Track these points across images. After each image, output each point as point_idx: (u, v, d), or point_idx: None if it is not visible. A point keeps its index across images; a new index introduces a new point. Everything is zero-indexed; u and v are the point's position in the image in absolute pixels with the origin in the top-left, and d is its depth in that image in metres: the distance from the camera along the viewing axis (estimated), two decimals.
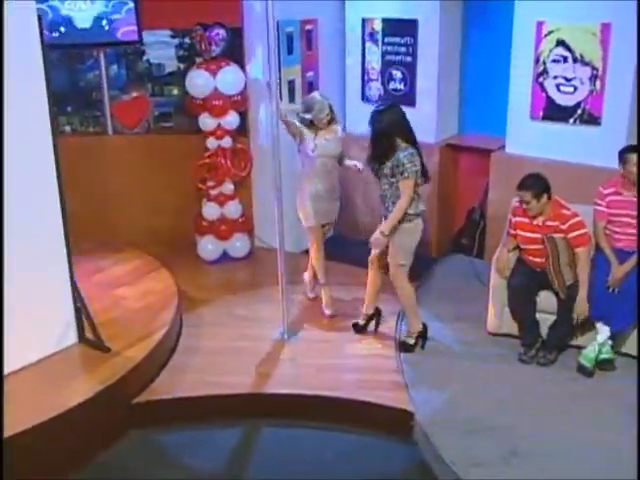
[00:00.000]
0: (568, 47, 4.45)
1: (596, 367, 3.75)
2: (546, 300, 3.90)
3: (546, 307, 3.91)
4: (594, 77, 4.40)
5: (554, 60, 4.53)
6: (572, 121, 4.56)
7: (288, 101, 5.08)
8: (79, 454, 3.36)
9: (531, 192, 3.72)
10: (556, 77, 4.56)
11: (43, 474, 3.17)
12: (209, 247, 5.26)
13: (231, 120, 4.95)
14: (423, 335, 4.09)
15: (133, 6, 4.89)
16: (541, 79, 4.62)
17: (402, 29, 5.13)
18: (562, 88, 4.56)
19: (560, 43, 4.47)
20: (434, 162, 5.03)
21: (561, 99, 4.58)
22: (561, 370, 3.82)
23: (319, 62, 5.37)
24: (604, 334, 3.73)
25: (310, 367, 3.91)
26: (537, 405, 3.54)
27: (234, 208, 5.21)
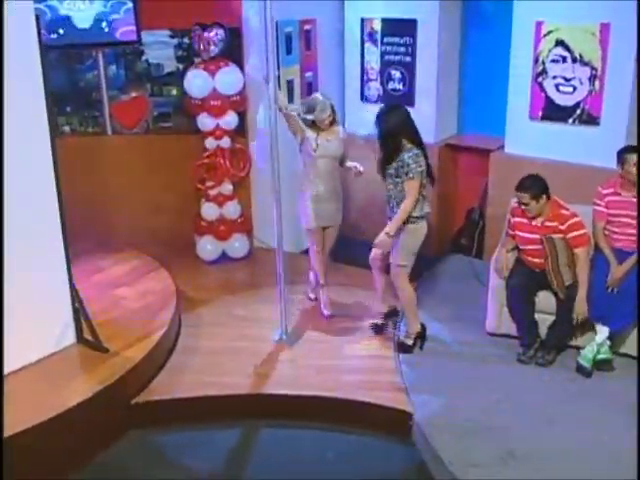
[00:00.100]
0: (567, 47, 4.45)
1: (594, 367, 3.75)
2: (545, 300, 3.90)
3: (545, 307, 3.91)
4: (593, 77, 4.40)
5: (553, 60, 4.53)
6: (571, 121, 4.56)
7: (287, 102, 5.08)
8: (78, 454, 3.36)
9: (530, 193, 3.72)
10: (555, 77, 4.56)
11: (43, 474, 3.17)
12: (208, 247, 5.26)
13: (230, 120, 4.95)
14: (422, 336, 4.09)
15: (132, 6, 4.88)
16: (540, 79, 4.62)
17: (401, 29, 5.13)
18: (561, 88, 4.56)
19: (559, 43, 4.47)
20: (433, 162, 4.96)
21: (560, 99, 4.58)
22: (560, 370, 3.82)
23: (318, 62, 5.37)
24: (603, 334, 3.73)
25: (309, 368, 3.91)
26: (535, 406, 3.54)
27: (233, 208, 5.21)
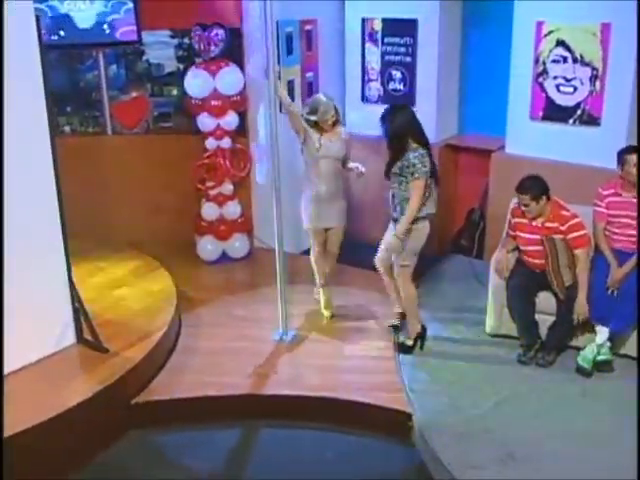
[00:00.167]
0: (568, 47, 4.44)
1: (594, 368, 3.74)
2: (545, 301, 3.90)
3: (545, 308, 3.90)
4: (594, 77, 4.39)
5: (554, 60, 4.52)
6: (572, 121, 4.55)
7: (289, 98, 5.06)
8: (78, 454, 3.36)
9: (530, 194, 3.71)
10: (556, 77, 4.55)
11: (43, 474, 3.17)
12: (208, 247, 5.26)
13: (230, 120, 4.94)
14: (422, 336, 4.08)
15: (132, 6, 4.89)
16: (541, 79, 4.61)
17: (402, 29, 5.12)
18: (562, 88, 4.55)
19: (560, 43, 4.46)
20: None
21: (561, 99, 4.57)
22: (560, 371, 3.81)
23: (319, 62, 5.36)
24: (603, 335, 3.73)
25: (309, 368, 3.91)
26: (535, 406, 3.53)
27: (233, 208, 5.20)
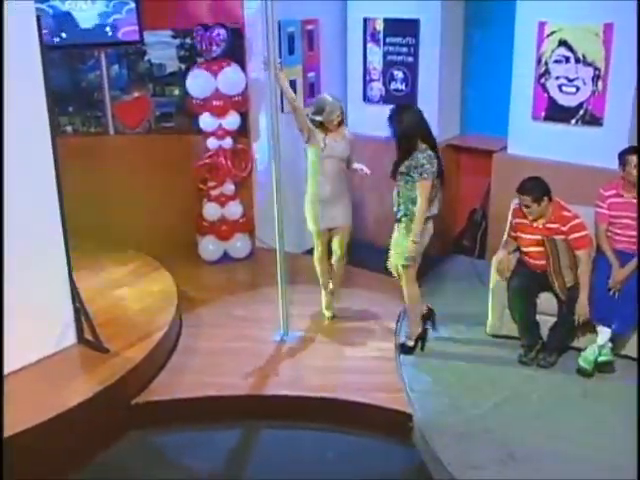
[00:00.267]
0: (570, 47, 4.43)
1: (595, 369, 3.73)
2: (546, 302, 3.89)
3: (546, 309, 3.89)
4: (596, 78, 4.38)
5: (556, 60, 4.51)
6: (574, 122, 4.54)
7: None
8: (79, 454, 3.36)
9: (531, 196, 3.70)
10: (558, 77, 4.53)
11: (43, 474, 3.16)
12: (210, 247, 5.25)
13: (232, 120, 4.94)
14: (423, 337, 4.07)
15: (134, 6, 4.89)
16: (543, 79, 4.59)
17: (404, 29, 5.12)
18: (564, 89, 4.54)
19: (562, 43, 4.45)
20: None
21: (563, 100, 4.56)
22: (561, 372, 3.81)
23: (320, 62, 5.35)
24: (604, 336, 3.71)
25: (309, 368, 3.90)
26: (536, 407, 3.53)
27: (235, 208, 5.20)
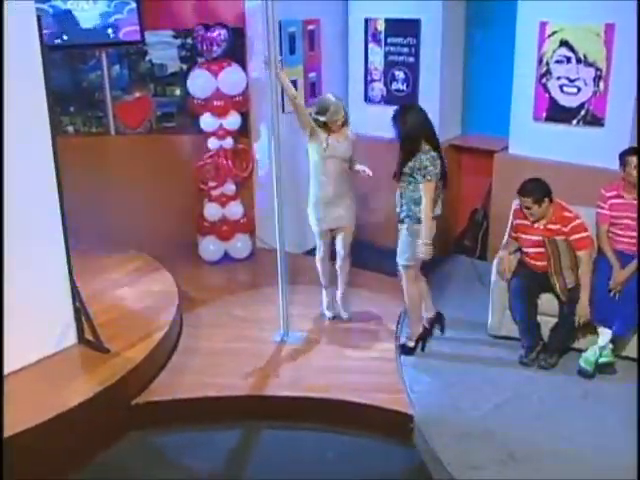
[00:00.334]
0: (572, 48, 4.42)
1: (596, 370, 3.72)
2: (547, 302, 3.88)
3: (547, 309, 3.89)
4: (598, 78, 4.37)
5: (557, 61, 4.50)
6: (575, 122, 4.53)
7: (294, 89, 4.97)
8: (79, 454, 3.35)
9: (532, 197, 3.69)
10: (559, 78, 4.52)
11: (43, 474, 3.16)
12: (210, 248, 5.25)
13: (233, 120, 4.93)
14: (423, 338, 4.07)
15: (135, 6, 4.89)
16: (544, 80, 4.59)
17: (405, 29, 5.11)
18: (565, 89, 4.53)
19: (563, 43, 4.44)
20: None
21: (564, 100, 4.55)
22: (561, 373, 3.80)
23: (321, 62, 5.35)
24: (605, 337, 3.71)
25: (310, 369, 3.90)
26: (537, 408, 3.52)
27: (235, 209, 5.20)
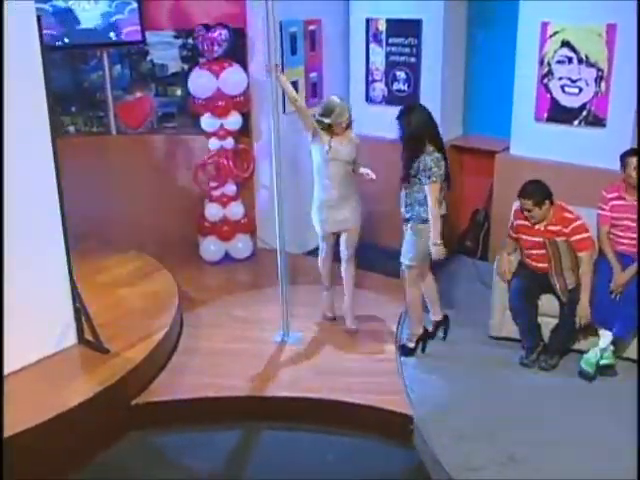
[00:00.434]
0: (573, 48, 4.41)
1: (597, 372, 3.71)
2: (548, 303, 3.87)
3: (548, 310, 3.88)
4: (599, 78, 4.36)
5: (559, 61, 4.49)
6: (577, 123, 4.52)
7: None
8: (78, 454, 3.35)
9: (532, 200, 3.67)
10: (561, 78, 4.52)
11: (43, 474, 3.16)
12: (211, 248, 5.24)
13: (233, 121, 4.93)
14: (424, 339, 4.06)
15: (136, 6, 4.89)
16: (546, 80, 4.58)
17: (406, 29, 5.11)
18: (567, 89, 4.52)
19: (565, 44, 4.43)
20: None
21: (566, 100, 4.54)
22: (562, 374, 3.79)
23: (323, 63, 5.34)
24: (606, 339, 3.69)
25: (310, 370, 3.89)
26: (537, 409, 3.51)
27: (236, 209, 5.19)
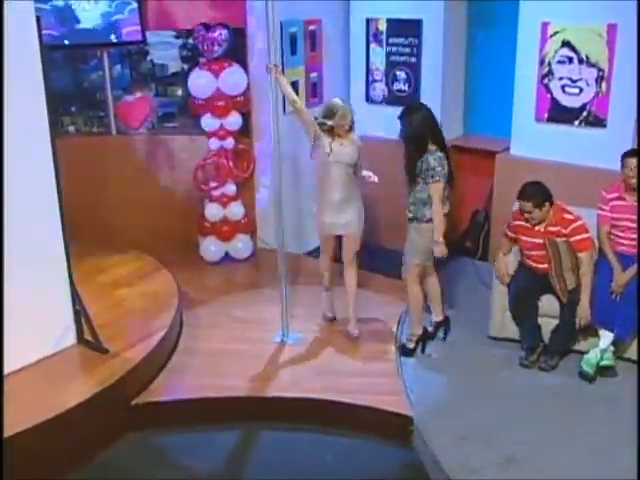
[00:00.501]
0: (573, 48, 4.40)
1: (597, 373, 3.70)
2: (548, 304, 3.87)
3: (548, 311, 3.88)
4: (600, 78, 4.34)
5: (559, 61, 4.48)
6: (577, 123, 4.51)
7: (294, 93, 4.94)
8: (78, 454, 3.35)
9: (532, 202, 3.67)
10: (561, 78, 4.50)
11: (42, 474, 3.16)
12: (211, 248, 5.24)
13: (233, 121, 4.92)
14: (424, 339, 4.06)
15: (136, 6, 4.89)
16: (546, 80, 4.57)
17: (406, 29, 5.10)
18: (567, 89, 4.50)
19: (565, 44, 4.42)
20: None
21: (566, 100, 4.53)
22: (562, 375, 3.78)
23: (323, 63, 5.34)
24: (607, 340, 3.69)
25: (310, 370, 3.89)
26: (537, 410, 3.50)
27: (236, 209, 5.19)
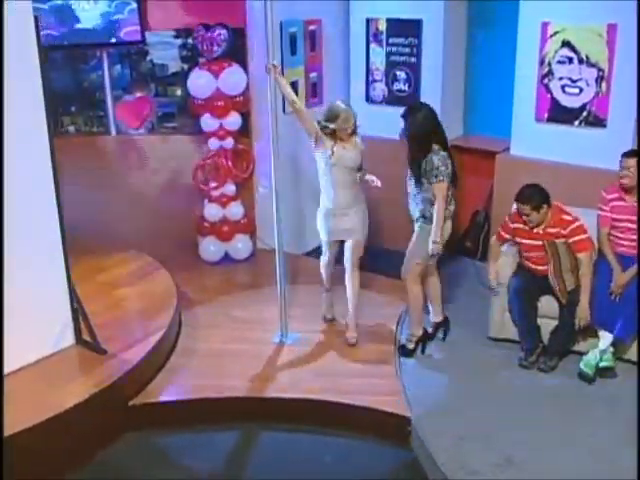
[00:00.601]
0: (574, 48, 4.39)
1: (597, 374, 3.69)
2: (548, 305, 3.86)
3: (548, 312, 3.87)
4: (600, 78, 4.33)
5: (559, 61, 4.46)
6: (577, 123, 4.50)
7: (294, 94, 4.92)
8: (76, 455, 3.35)
9: (530, 204, 3.66)
10: (561, 78, 4.49)
11: (41, 474, 3.16)
12: (211, 248, 5.24)
13: (233, 121, 4.92)
14: (423, 340, 4.05)
15: (136, 6, 4.89)
16: (546, 80, 4.55)
17: (406, 29, 5.09)
18: (567, 89, 4.49)
19: (565, 44, 4.41)
20: None
21: (566, 101, 4.51)
22: (561, 376, 3.77)
23: (323, 63, 5.33)
24: (606, 341, 3.68)
25: (308, 371, 3.89)
26: (536, 411, 3.50)
27: (236, 209, 5.18)
